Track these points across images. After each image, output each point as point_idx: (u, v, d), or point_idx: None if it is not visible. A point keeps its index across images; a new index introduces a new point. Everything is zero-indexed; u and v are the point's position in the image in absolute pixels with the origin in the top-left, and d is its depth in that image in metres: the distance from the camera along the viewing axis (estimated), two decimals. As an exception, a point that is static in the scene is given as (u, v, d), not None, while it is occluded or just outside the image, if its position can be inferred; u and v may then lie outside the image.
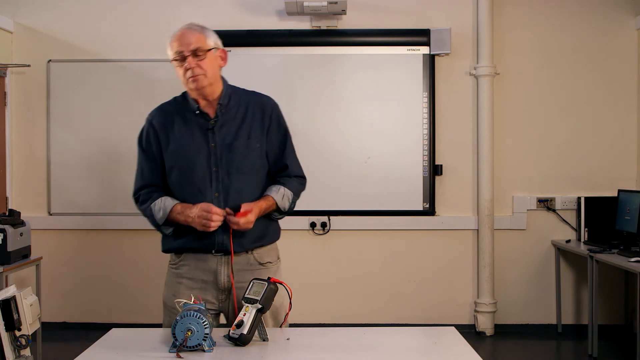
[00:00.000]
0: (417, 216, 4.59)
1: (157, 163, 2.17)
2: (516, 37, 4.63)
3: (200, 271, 2.13)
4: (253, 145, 2.12)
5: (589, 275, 4.00)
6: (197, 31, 2.07)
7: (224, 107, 2.13)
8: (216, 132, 2.11)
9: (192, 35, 2.06)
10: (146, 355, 1.71)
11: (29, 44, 4.65)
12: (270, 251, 2.22)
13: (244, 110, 2.15)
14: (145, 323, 4.52)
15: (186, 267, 2.16)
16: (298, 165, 2.27)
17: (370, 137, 4.59)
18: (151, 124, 2.18)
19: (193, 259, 2.14)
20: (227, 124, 2.12)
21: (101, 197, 4.62)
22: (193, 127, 2.12)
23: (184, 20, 5.18)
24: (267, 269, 2.17)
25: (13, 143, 4.63)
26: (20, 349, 1.61)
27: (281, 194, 2.15)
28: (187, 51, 2.04)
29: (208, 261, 2.12)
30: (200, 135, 2.11)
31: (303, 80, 4.55)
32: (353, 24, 4.59)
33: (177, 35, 2.08)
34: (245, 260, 2.14)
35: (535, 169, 4.64)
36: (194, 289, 2.11)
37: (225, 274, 2.11)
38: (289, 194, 2.17)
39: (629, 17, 4.60)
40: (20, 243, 3.60)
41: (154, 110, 2.22)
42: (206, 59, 2.06)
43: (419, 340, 2.01)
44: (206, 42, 2.07)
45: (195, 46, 2.04)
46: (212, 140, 2.10)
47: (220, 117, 2.12)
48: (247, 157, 2.11)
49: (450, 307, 4.64)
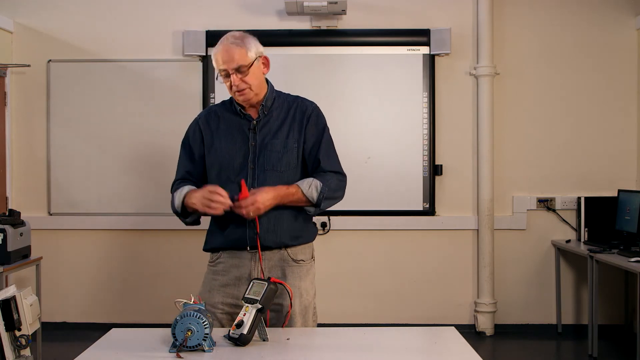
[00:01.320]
0: (417, 216, 4.59)
1: (197, 162, 2.24)
2: (516, 37, 4.63)
3: (234, 268, 2.16)
4: (291, 145, 2.17)
5: (589, 275, 4.00)
6: (238, 46, 2.09)
7: (267, 109, 2.20)
8: (257, 132, 2.18)
9: (234, 52, 2.09)
10: (146, 355, 1.71)
11: (29, 44, 4.65)
12: (305, 249, 2.25)
13: (285, 112, 2.22)
14: (145, 323, 4.52)
15: (222, 265, 2.19)
16: (334, 161, 2.26)
17: (370, 137, 4.59)
18: (197, 124, 2.26)
19: (228, 257, 2.18)
20: (268, 125, 2.19)
21: (101, 197, 4.62)
22: (236, 128, 2.20)
23: (184, 20, 5.19)
24: (300, 267, 2.20)
25: (13, 143, 4.63)
26: (20, 349, 1.61)
27: (308, 183, 2.15)
28: (231, 69, 2.09)
29: (242, 257, 2.16)
30: (242, 135, 2.18)
31: (303, 80, 4.54)
32: (353, 24, 4.60)
33: (219, 52, 2.11)
34: (279, 256, 2.17)
35: (535, 169, 4.64)
36: (228, 285, 2.15)
37: (258, 270, 2.13)
38: (317, 184, 2.15)
39: (629, 17, 4.60)
40: (20, 243, 3.60)
41: (203, 112, 2.32)
42: (250, 73, 2.11)
43: (419, 340, 2.01)
44: (247, 57, 2.10)
45: (238, 64, 2.08)
46: (252, 140, 2.17)
47: (262, 118, 2.19)
48: (284, 155, 2.16)
49: (450, 307, 4.64)
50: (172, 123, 4.56)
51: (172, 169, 2.34)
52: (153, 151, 4.57)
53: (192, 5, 4.63)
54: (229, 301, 2.13)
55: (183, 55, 4.61)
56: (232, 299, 2.13)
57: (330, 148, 2.26)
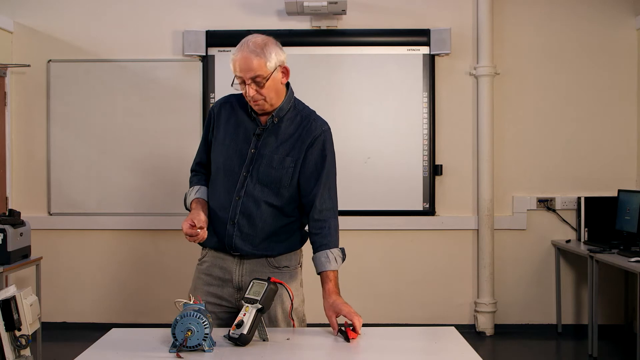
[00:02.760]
0: (417, 216, 4.59)
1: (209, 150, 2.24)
2: (516, 37, 4.63)
3: (218, 269, 2.16)
4: (288, 164, 2.10)
5: (589, 275, 4.00)
6: (257, 55, 1.99)
7: (277, 119, 2.12)
8: (261, 140, 2.11)
9: (253, 62, 1.98)
10: (146, 355, 1.71)
11: (29, 44, 4.65)
12: (290, 256, 2.20)
13: (294, 128, 2.14)
14: (145, 323, 4.52)
15: (207, 264, 2.19)
16: (334, 200, 2.15)
17: (370, 137, 4.59)
18: (213, 110, 2.23)
19: (213, 257, 2.18)
20: (273, 136, 2.12)
21: (101, 197, 4.62)
22: (244, 128, 2.14)
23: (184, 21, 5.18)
24: (282, 273, 2.16)
25: (13, 143, 4.63)
26: (20, 349, 1.61)
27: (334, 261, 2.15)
28: (247, 79, 2.00)
29: (226, 260, 2.15)
30: (246, 138, 2.12)
31: (303, 80, 4.53)
32: (353, 24, 4.60)
33: (238, 58, 2.00)
34: (262, 262, 2.14)
35: (535, 169, 4.64)
36: (212, 285, 2.15)
37: (240, 274, 2.13)
38: (338, 253, 2.15)
39: (629, 17, 4.60)
40: (20, 243, 3.60)
41: (221, 99, 2.25)
42: (266, 86, 2.02)
43: (419, 340, 2.01)
44: (266, 67, 2.01)
45: (255, 74, 1.99)
46: (253, 146, 2.11)
47: (270, 127, 2.12)
48: (277, 172, 2.09)
49: (450, 307, 4.64)
50: (172, 123, 4.57)
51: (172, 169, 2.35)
52: (153, 151, 4.57)
53: (192, 5, 4.63)
54: (211, 300, 2.11)
55: (183, 55, 4.60)
56: (215, 298, 2.13)
57: (332, 183, 2.16)
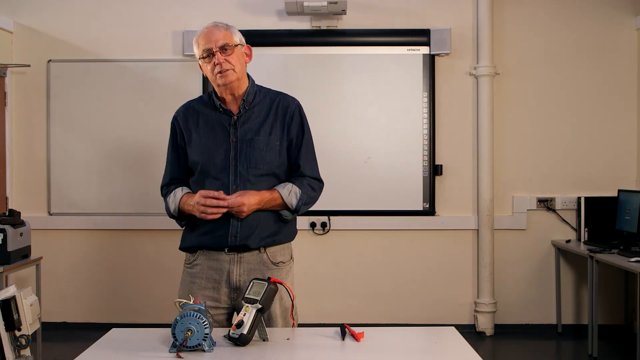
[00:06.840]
0: (417, 216, 4.60)
1: (182, 159, 2.23)
2: (516, 37, 4.63)
3: (213, 271, 2.14)
4: (273, 143, 2.15)
5: (589, 275, 4.00)
6: (223, 28, 2.13)
7: (248, 104, 2.17)
8: (238, 127, 2.15)
9: (219, 32, 2.11)
10: (146, 355, 1.71)
11: (29, 44, 4.65)
12: (284, 250, 2.21)
13: (267, 108, 2.19)
14: (145, 323, 4.52)
15: (199, 267, 2.17)
16: (313, 167, 2.25)
17: (370, 137, 4.59)
18: (176, 120, 2.24)
19: (206, 259, 2.16)
20: (250, 121, 2.16)
21: (101, 197, 4.62)
22: (216, 123, 2.17)
23: (184, 21, 5.19)
24: (280, 269, 2.17)
25: (13, 143, 4.63)
26: (20, 349, 1.61)
27: (288, 190, 2.15)
28: (215, 47, 2.08)
29: (220, 260, 2.13)
30: (222, 131, 2.15)
31: (303, 80, 4.54)
32: (353, 24, 4.60)
33: (203, 33, 2.12)
34: (258, 259, 2.14)
35: (535, 169, 4.64)
36: (207, 288, 2.14)
37: (238, 273, 2.12)
38: (297, 191, 2.15)
39: (629, 17, 4.60)
40: (20, 243, 3.60)
41: (180, 107, 2.28)
42: (234, 54, 2.12)
43: (419, 340, 2.01)
44: (233, 38, 2.13)
45: (223, 42, 2.10)
46: (233, 136, 2.14)
47: (243, 113, 2.16)
48: (267, 153, 2.13)
49: (450, 307, 4.64)
50: (172, 123, 4.57)
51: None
52: (153, 151, 4.57)
53: (192, 5, 4.63)
54: (208, 304, 2.09)
55: (183, 55, 4.61)
56: (212, 301, 2.12)
57: (311, 151, 2.26)
